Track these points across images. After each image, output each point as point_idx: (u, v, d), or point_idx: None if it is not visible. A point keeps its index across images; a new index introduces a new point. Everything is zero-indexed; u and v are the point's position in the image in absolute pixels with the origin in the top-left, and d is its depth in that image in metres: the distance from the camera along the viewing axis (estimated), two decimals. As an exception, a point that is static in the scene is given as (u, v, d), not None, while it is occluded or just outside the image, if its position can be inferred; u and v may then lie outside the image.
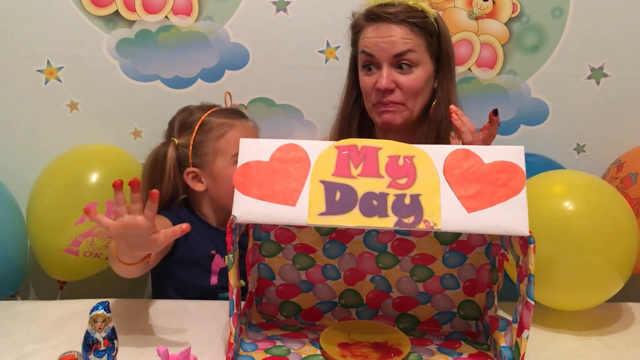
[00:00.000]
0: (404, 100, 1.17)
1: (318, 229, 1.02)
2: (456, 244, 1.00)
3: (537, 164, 1.43)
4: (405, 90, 1.17)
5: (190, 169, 1.22)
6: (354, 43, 1.23)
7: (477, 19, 1.46)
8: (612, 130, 1.51)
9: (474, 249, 1.00)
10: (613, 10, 1.44)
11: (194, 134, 1.21)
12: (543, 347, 1.00)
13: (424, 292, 1.04)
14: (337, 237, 1.02)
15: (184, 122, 1.25)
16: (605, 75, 1.48)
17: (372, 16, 1.17)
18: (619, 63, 1.47)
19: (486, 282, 1.01)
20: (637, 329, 1.09)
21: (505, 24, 1.47)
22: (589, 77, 1.48)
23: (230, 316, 0.87)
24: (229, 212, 0.86)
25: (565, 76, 1.48)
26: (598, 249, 1.02)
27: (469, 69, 1.49)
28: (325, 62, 1.47)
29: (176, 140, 1.23)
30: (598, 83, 1.48)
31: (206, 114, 1.23)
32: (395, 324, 1.05)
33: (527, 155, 1.49)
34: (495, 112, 1.09)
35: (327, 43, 1.45)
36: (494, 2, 1.45)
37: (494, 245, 0.98)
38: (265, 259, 1.05)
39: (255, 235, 1.03)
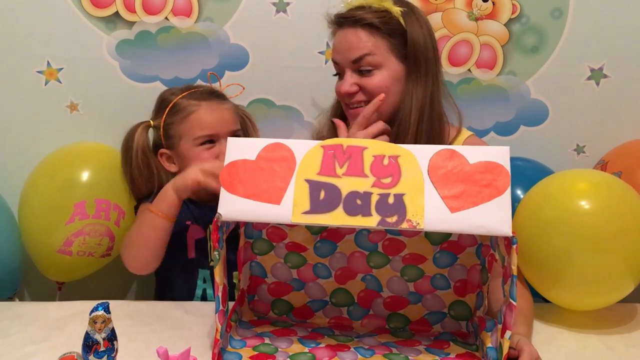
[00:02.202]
0: (367, 100, 1.16)
1: (309, 227, 1.02)
2: (447, 244, 1.01)
3: (530, 169, 1.43)
4: (367, 93, 1.16)
5: (163, 150, 1.26)
6: None
7: (476, 19, 1.46)
8: (611, 131, 1.50)
9: (464, 249, 1.01)
10: (613, 11, 1.44)
11: (164, 115, 1.25)
12: (543, 348, 1.00)
13: (415, 292, 1.04)
14: (328, 236, 1.03)
15: (159, 103, 1.29)
16: (605, 76, 1.48)
17: (336, 23, 1.18)
18: (619, 64, 1.47)
19: (477, 282, 1.01)
20: (637, 330, 1.09)
21: (505, 24, 1.47)
22: (589, 78, 1.48)
23: (216, 312, 0.88)
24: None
25: (565, 77, 1.48)
26: (613, 249, 1.02)
27: (469, 69, 1.49)
28: (325, 63, 1.47)
29: (152, 122, 1.27)
30: (598, 84, 1.48)
31: (180, 96, 1.25)
32: (386, 323, 1.05)
33: (520, 160, 1.51)
34: None
35: (327, 44, 1.45)
36: (493, 3, 1.45)
37: (484, 246, 0.98)
38: (257, 257, 1.06)
39: (247, 233, 1.04)
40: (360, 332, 1.03)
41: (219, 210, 0.84)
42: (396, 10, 1.13)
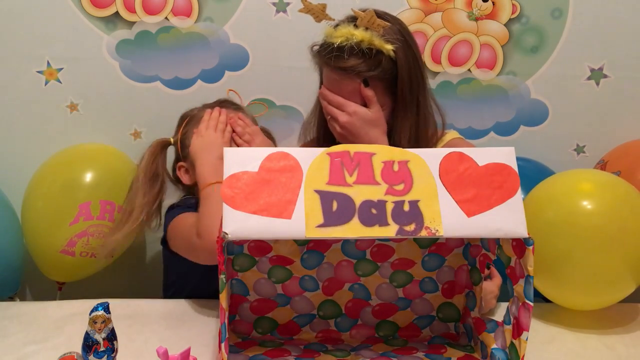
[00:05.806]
0: None
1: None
2: (435, 246, 0.98)
3: (530, 169, 1.43)
4: None
5: (180, 163, 1.23)
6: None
7: (476, 19, 1.47)
8: (611, 131, 1.51)
9: (452, 250, 0.99)
10: (613, 11, 1.44)
11: (181, 127, 1.24)
12: (543, 348, 1.00)
13: (404, 298, 1.01)
14: (315, 247, 0.98)
15: (179, 120, 1.28)
16: (605, 76, 1.48)
17: (325, 63, 1.12)
18: (619, 64, 1.47)
19: (464, 283, 1.00)
20: (637, 330, 1.09)
21: (505, 24, 1.47)
22: (589, 78, 1.48)
23: (222, 342, 0.80)
24: None
25: (565, 77, 1.48)
26: (615, 249, 1.02)
27: (469, 69, 1.49)
28: (325, 63, 1.46)
29: (172, 139, 1.25)
30: (597, 84, 1.49)
31: (196, 110, 1.27)
32: (375, 332, 1.02)
33: (520, 160, 1.52)
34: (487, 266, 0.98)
35: (327, 44, 1.45)
36: (493, 3, 1.45)
37: (473, 246, 0.96)
38: (239, 274, 0.99)
39: (228, 249, 0.97)
40: (352, 344, 0.99)
41: (223, 229, 0.75)
42: (388, 49, 1.07)
